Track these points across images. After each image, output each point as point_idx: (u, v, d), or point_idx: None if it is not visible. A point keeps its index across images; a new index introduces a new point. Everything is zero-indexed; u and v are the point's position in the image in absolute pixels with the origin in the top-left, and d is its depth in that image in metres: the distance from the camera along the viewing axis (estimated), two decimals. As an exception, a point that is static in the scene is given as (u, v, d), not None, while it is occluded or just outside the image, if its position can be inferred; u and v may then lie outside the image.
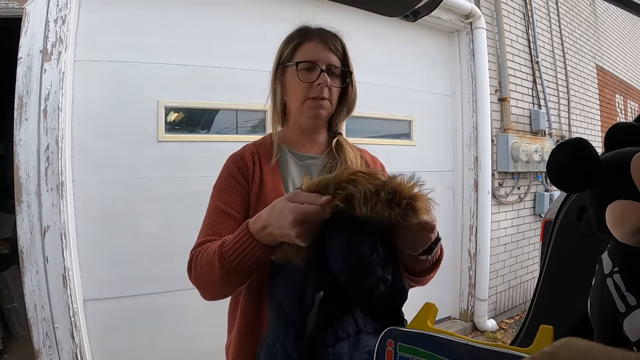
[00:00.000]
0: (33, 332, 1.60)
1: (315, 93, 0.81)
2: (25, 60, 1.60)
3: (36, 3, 1.62)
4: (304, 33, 0.84)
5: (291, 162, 0.86)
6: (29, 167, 1.60)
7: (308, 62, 0.81)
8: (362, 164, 0.89)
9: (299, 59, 0.82)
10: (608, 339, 0.61)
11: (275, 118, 0.88)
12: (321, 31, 0.85)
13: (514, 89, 3.18)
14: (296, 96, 0.83)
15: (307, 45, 0.83)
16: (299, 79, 0.81)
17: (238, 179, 0.82)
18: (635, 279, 0.58)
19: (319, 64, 0.81)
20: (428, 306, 0.68)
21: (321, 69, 0.81)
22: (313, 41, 0.83)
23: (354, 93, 0.88)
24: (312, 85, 0.80)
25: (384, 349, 0.63)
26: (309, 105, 0.82)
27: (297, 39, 0.83)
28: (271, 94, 0.88)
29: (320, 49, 0.82)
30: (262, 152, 0.87)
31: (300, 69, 0.81)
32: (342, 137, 0.91)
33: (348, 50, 0.87)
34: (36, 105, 1.60)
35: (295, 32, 0.86)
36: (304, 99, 0.82)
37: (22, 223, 1.59)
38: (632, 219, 0.55)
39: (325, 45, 0.83)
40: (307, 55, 0.82)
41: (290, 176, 0.85)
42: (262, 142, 0.90)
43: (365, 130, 2.56)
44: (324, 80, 0.80)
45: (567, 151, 0.62)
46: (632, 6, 0.75)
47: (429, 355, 0.59)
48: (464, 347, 0.56)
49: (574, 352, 0.22)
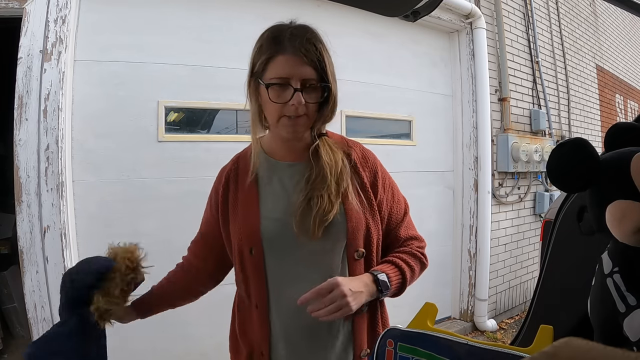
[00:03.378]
0: (33, 332, 1.60)
1: (290, 112, 0.75)
2: (25, 60, 1.60)
3: (36, 3, 1.62)
4: (276, 43, 0.75)
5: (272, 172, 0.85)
6: (29, 167, 1.60)
7: (279, 81, 0.75)
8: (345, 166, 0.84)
9: (270, 75, 0.75)
10: (608, 339, 0.61)
11: (255, 125, 0.83)
12: (294, 39, 0.75)
13: (514, 89, 3.18)
14: (270, 113, 0.78)
15: (279, 59, 0.75)
16: (270, 100, 0.75)
17: (211, 202, 0.90)
18: (635, 279, 0.58)
19: (291, 82, 0.74)
20: (428, 306, 0.68)
21: (294, 89, 0.74)
22: (285, 54, 0.74)
23: (333, 104, 0.81)
24: (285, 104, 0.75)
25: (384, 348, 0.63)
26: (284, 122, 0.77)
27: (268, 52, 0.76)
28: (248, 100, 0.83)
29: (292, 63, 0.74)
30: (242, 166, 0.87)
31: (271, 89, 0.75)
32: (323, 139, 0.86)
33: (327, 55, 0.78)
34: (36, 105, 1.60)
35: (266, 39, 0.77)
36: (279, 117, 0.77)
37: (22, 223, 1.59)
38: (632, 219, 0.55)
39: (299, 57, 0.74)
40: (278, 72, 0.75)
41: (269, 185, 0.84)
42: (246, 153, 0.89)
43: (365, 130, 2.55)
44: (297, 102, 0.74)
45: (567, 151, 0.62)
46: (632, 6, 0.75)
47: (429, 355, 0.59)
48: (464, 347, 0.56)
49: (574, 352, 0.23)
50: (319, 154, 0.83)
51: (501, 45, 3.09)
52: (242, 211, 0.83)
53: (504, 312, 3.21)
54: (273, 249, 0.81)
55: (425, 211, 2.75)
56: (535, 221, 3.41)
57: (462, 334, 2.23)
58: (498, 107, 3.09)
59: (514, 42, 3.22)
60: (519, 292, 3.34)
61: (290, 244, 0.80)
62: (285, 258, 0.81)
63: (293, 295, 0.77)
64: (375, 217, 0.86)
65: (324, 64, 0.77)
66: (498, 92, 3.09)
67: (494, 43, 3.08)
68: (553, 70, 3.64)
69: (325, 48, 0.78)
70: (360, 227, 0.83)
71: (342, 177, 0.83)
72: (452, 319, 3.02)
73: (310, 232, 0.78)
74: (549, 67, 3.58)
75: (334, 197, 0.80)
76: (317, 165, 0.82)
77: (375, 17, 0.93)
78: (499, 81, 3.10)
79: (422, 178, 2.80)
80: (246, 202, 0.83)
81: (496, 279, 3.10)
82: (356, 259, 0.83)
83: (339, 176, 0.83)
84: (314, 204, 0.79)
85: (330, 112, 0.83)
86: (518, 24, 3.29)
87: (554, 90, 3.64)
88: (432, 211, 2.85)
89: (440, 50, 2.96)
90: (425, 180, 2.82)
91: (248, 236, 0.81)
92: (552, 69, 3.63)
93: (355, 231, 0.82)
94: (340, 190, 0.82)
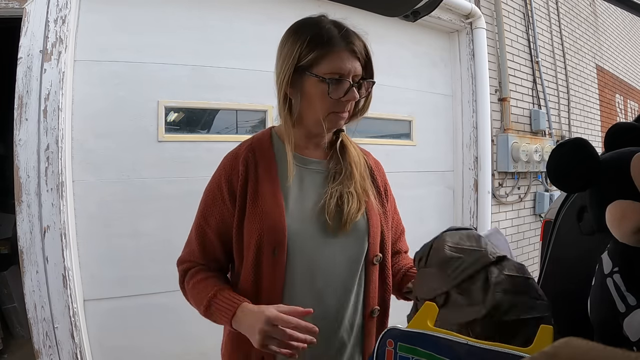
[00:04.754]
0: (33, 332, 1.60)
1: (341, 108, 0.76)
2: (25, 60, 1.60)
3: (36, 3, 1.62)
4: (328, 38, 0.74)
5: (294, 167, 0.79)
6: (29, 167, 1.60)
7: (337, 77, 0.74)
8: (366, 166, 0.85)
9: (325, 70, 0.74)
10: (608, 339, 0.61)
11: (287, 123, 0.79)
12: (347, 35, 0.75)
13: (514, 89, 3.18)
14: (319, 109, 0.76)
15: (334, 54, 0.74)
16: (329, 95, 0.74)
17: (223, 193, 0.80)
18: (635, 279, 0.58)
19: (347, 77, 0.74)
20: (428, 306, 0.68)
21: (350, 84, 0.74)
22: (339, 49, 0.74)
23: (370, 101, 0.83)
24: (339, 100, 0.75)
25: (384, 348, 0.63)
26: (331, 118, 0.77)
27: (321, 46, 0.74)
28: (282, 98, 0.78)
29: (347, 58, 0.74)
30: (259, 153, 0.81)
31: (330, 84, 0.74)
32: (345, 136, 0.86)
33: (371, 53, 0.79)
34: (36, 105, 1.60)
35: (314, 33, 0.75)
36: (328, 113, 0.76)
37: (22, 223, 1.59)
38: (632, 219, 0.55)
39: (353, 53, 0.75)
40: (335, 67, 0.74)
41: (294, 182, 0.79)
42: (260, 141, 0.84)
43: (365, 130, 2.55)
44: (352, 97, 0.75)
45: (567, 151, 0.62)
46: (632, 6, 0.75)
47: (429, 355, 0.59)
48: (464, 347, 0.56)
49: (574, 352, 0.23)
50: (346, 149, 0.82)
51: (501, 45, 3.09)
52: (264, 207, 0.76)
53: (504, 312, 3.21)
54: (298, 251, 0.76)
55: (425, 211, 2.74)
56: (535, 221, 3.40)
57: (462, 334, 2.23)
58: (498, 107, 3.09)
59: (514, 42, 3.21)
60: (519, 292, 3.33)
61: (316, 246, 0.77)
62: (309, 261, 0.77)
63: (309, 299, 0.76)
64: (388, 223, 0.85)
65: (371, 63, 0.79)
66: (498, 92, 3.09)
67: (494, 43, 3.08)
68: (553, 70, 3.64)
69: (370, 50, 0.79)
70: (379, 232, 0.81)
71: (366, 174, 0.83)
72: (452, 319, 3.01)
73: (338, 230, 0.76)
74: (549, 67, 3.58)
75: (361, 196, 0.79)
76: (344, 161, 0.81)
77: (375, 17, 0.92)
78: (499, 81, 3.10)
79: (422, 178, 2.80)
80: (269, 198, 0.77)
81: (496, 279, 3.10)
82: (374, 263, 0.81)
83: (362, 175, 0.82)
84: (344, 200, 0.77)
85: (365, 111, 0.83)
86: (518, 24, 3.29)
87: (554, 90, 3.64)
88: (432, 211, 2.85)
89: (440, 50, 2.96)
90: (425, 180, 2.82)
91: (272, 235, 0.75)
92: (552, 69, 3.63)
93: (376, 235, 0.81)
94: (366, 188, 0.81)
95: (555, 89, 3.66)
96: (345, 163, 0.80)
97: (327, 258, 0.77)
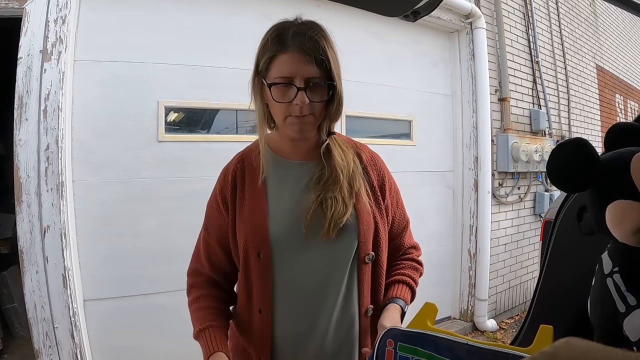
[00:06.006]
0: (33, 332, 1.60)
1: (295, 112, 0.73)
2: (25, 60, 1.60)
3: (36, 3, 1.62)
4: (279, 41, 0.73)
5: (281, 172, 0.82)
6: (29, 167, 1.60)
7: (283, 81, 0.73)
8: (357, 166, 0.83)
9: (274, 74, 0.73)
10: (608, 339, 0.61)
11: (261, 124, 0.81)
12: (297, 37, 0.73)
13: (514, 89, 3.18)
14: (276, 113, 0.76)
15: (282, 58, 0.73)
16: (274, 100, 0.74)
17: (219, 204, 0.84)
18: (635, 279, 0.58)
19: (295, 81, 0.72)
20: (428, 306, 0.68)
21: (298, 88, 0.72)
22: (288, 52, 0.72)
23: (339, 102, 0.79)
24: (290, 104, 0.73)
25: (384, 348, 0.63)
26: (291, 121, 0.75)
27: (272, 50, 0.74)
28: (253, 99, 0.80)
29: (296, 61, 0.72)
30: (248, 162, 0.84)
31: (274, 89, 0.73)
32: (333, 139, 0.84)
33: (332, 52, 0.76)
34: (36, 105, 1.60)
35: (270, 37, 0.75)
36: (285, 116, 0.75)
37: (22, 223, 1.59)
38: (632, 219, 0.55)
39: (303, 55, 0.72)
40: (282, 71, 0.73)
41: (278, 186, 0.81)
42: (250, 151, 0.86)
43: (365, 130, 2.55)
44: (301, 101, 0.72)
45: (567, 151, 0.62)
46: (632, 6, 0.75)
47: (429, 355, 0.59)
48: (464, 347, 0.56)
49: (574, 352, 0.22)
50: (331, 154, 0.81)
51: (501, 45, 3.09)
52: (249, 213, 0.79)
53: (504, 312, 3.21)
54: (282, 253, 0.78)
55: (425, 211, 2.74)
56: (535, 221, 3.41)
57: (462, 334, 2.23)
58: (498, 107, 3.09)
59: (514, 42, 3.22)
60: (519, 292, 3.34)
61: (300, 248, 0.77)
62: (294, 262, 0.78)
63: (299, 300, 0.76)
64: (384, 220, 0.85)
65: (329, 62, 0.74)
66: (498, 92, 3.09)
67: (494, 43, 3.08)
68: (553, 70, 3.64)
69: (330, 45, 0.75)
70: (371, 230, 0.81)
71: (354, 178, 0.81)
72: (452, 319, 3.02)
73: (321, 235, 0.76)
74: (549, 67, 3.58)
75: (347, 199, 0.78)
76: (329, 165, 0.80)
77: (375, 17, 0.92)
78: (499, 81, 3.10)
79: (422, 178, 2.80)
80: (254, 203, 0.79)
81: (496, 279, 3.10)
82: (366, 262, 0.81)
83: (351, 177, 0.81)
84: (327, 205, 0.76)
85: (337, 111, 0.80)
86: (518, 24, 3.29)
87: (554, 90, 3.64)
88: (432, 211, 2.85)
89: (440, 50, 2.96)
90: (425, 180, 2.82)
91: (256, 240, 0.77)
92: (552, 69, 3.63)
93: (367, 234, 0.80)
94: (354, 192, 0.80)
95: (555, 89, 3.66)
96: (330, 167, 0.80)
97: (312, 259, 0.78)
